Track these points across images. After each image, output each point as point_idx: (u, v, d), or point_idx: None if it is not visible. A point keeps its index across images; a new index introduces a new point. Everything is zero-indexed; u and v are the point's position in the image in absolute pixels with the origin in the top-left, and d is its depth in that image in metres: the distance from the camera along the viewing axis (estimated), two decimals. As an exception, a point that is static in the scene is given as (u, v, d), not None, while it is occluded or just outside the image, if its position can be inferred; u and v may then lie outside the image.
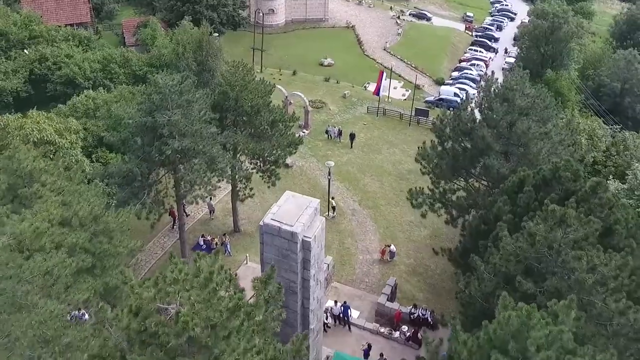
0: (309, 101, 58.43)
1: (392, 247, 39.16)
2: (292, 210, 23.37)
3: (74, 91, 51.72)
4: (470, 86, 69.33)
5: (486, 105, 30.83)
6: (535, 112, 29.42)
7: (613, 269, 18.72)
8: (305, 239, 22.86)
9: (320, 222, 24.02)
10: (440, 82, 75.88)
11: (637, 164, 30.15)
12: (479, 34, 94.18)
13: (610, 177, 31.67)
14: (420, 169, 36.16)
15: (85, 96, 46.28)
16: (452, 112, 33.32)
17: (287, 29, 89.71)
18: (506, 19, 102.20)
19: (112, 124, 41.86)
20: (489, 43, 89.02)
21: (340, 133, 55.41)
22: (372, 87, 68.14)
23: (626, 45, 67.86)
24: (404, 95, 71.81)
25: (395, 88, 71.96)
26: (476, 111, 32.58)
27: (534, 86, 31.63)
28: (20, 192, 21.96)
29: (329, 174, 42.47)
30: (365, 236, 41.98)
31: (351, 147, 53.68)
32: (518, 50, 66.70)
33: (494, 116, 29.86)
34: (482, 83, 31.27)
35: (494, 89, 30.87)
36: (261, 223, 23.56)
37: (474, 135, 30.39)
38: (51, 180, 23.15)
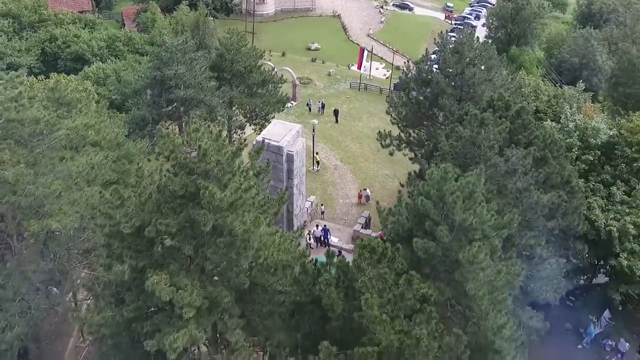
0: (297, 77, 64.21)
1: (368, 191, 45.02)
2: (279, 131, 29.22)
3: (83, 67, 56.91)
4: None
5: (442, 58, 36.76)
6: (481, 62, 35.38)
7: (521, 157, 24.62)
8: (289, 152, 28.69)
9: (302, 142, 29.86)
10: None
11: (567, 107, 36.20)
12: (458, 22, 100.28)
13: (548, 120, 37.62)
14: (391, 120, 42.11)
15: (96, 67, 51.73)
16: (414, 67, 39.38)
17: (277, 17, 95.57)
18: (484, 9, 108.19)
19: (121, 88, 47.41)
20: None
21: (323, 106, 60.64)
22: (355, 67, 74.13)
23: (588, 27, 73.85)
24: (385, 75, 77.78)
25: (377, 69, 78.21)
26: (434, 66, 38.55)
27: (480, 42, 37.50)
28: (61, 114, 27.55)
29: (313, 130, 48.19)
30: (345, 185, 47.83)
31: (336, 122, 58.90)
32: (487, 30, 72.72)
33: (447, 68, 35.81)
34: (439, 40, 37.08)
35: (448, 46, 36.82)
36: (254, 142, 29.38)
37: (432, 84, 36.32)
38: (85, 109, 28.78)
